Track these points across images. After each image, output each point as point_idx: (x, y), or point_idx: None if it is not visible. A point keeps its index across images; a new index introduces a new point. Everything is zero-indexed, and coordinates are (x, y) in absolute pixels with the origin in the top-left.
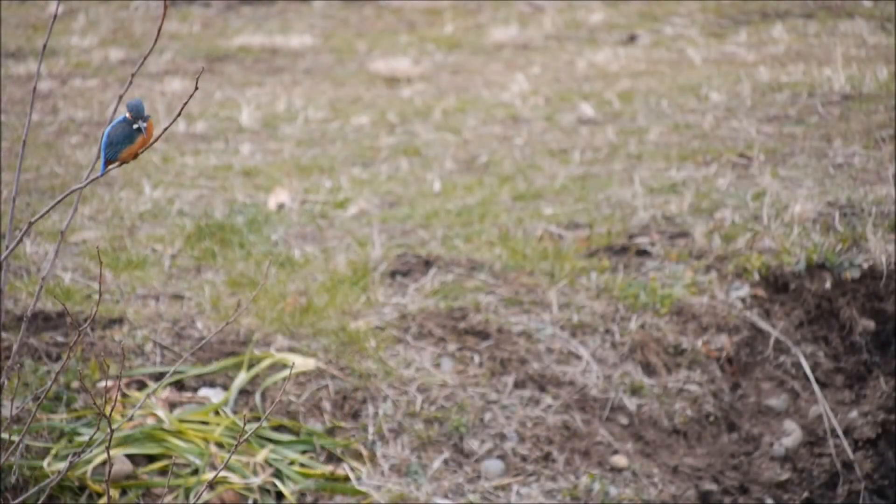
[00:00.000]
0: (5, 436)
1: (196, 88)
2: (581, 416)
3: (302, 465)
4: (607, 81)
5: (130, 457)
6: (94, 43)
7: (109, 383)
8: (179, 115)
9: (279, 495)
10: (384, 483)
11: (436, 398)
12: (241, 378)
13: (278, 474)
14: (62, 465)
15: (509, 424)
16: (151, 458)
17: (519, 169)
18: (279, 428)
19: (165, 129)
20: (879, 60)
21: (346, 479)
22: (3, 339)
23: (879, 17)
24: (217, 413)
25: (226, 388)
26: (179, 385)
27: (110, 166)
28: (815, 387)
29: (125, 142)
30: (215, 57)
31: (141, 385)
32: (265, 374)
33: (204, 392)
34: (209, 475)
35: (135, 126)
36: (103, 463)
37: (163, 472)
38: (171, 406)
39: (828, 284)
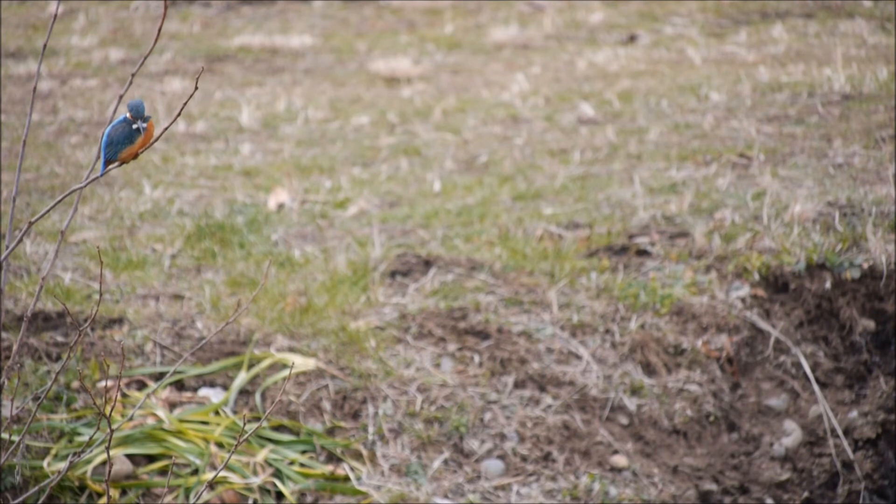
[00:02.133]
0: (5, 436)
1: (196, 88)
2: (581, 416)
3: (302, 465)
4: (607, 81)
5: (130, 457)
6: (94, 43)
7: (109, 383)
8: (179, 114)
9: (279, 495)
10: (384, 483)
11: (436, 398)
12: (241, 378)
13: (278, 474)
14: (62, 465)
15: (509, 424)
16: (151, 458)
17: (519, 169)
18: (279, 428)
19: (165, 128)
20: (879, 60)
21: (346, 479)
22: (3, 339)
23: (879, 17)
24: (217, 413)
25: (226, 388)
26: (179, 385)
27: (110, 166)
28: (815, 387)
29: (125, 142)
30: (215, 57)
31: (141, 385)
32: (265, 374)
33: (204, 392)
34: (209, 475)
35: (135, 126)
36: (103, 463)
37: (163, 472)
38: (171, 406)
39: (828, 284)
